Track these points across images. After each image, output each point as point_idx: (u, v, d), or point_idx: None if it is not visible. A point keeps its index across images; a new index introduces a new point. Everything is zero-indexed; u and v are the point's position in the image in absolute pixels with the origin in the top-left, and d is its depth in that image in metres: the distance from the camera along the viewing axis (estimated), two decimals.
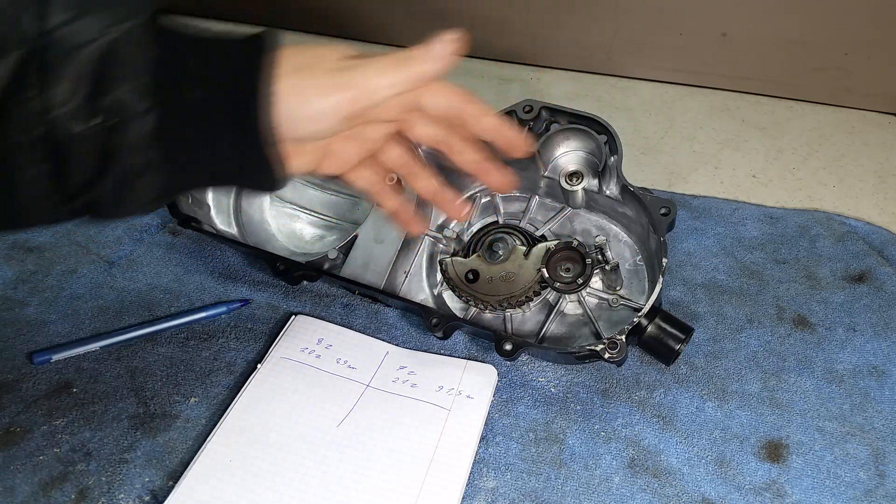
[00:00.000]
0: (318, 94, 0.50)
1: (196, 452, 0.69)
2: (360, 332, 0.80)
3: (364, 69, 0.52)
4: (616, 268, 0.75)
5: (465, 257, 0.80)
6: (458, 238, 0.82)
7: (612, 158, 0.77)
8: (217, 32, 0.50)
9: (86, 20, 0.43)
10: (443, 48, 0.53)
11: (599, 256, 0.75)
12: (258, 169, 0.50)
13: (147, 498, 0.67)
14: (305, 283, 0.83)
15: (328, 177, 0.61)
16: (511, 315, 0.79)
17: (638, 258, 0.80)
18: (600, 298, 0.78)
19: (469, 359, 0.77)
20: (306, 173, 0.57)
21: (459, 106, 0.57)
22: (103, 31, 0.44)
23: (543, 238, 0.81)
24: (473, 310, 0.80)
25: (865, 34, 0.99)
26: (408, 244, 0.81)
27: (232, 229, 0.85)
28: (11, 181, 0.44)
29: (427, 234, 0.84)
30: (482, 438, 0.71)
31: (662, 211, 0.73)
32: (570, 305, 0.78)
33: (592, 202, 0.81)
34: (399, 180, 0.69)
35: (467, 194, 0.85)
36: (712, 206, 0.92)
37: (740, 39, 1.04)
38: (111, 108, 0.44)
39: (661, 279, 0.71)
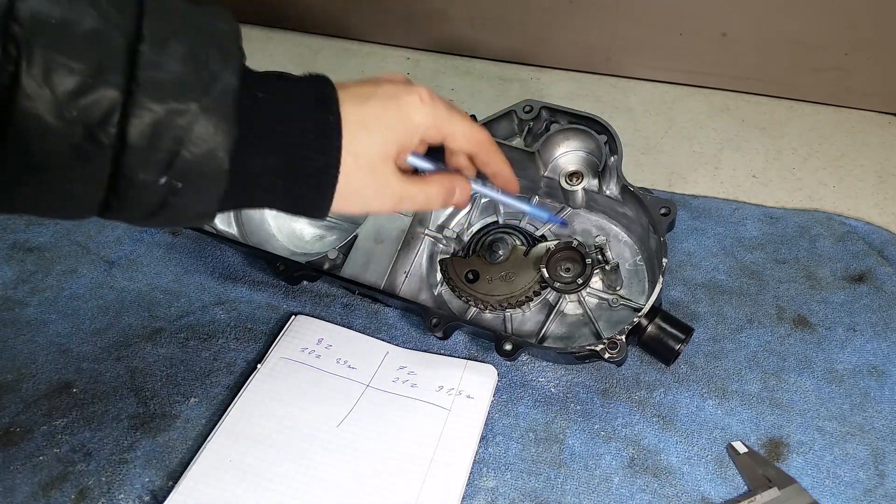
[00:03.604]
0: (376, 203, 0.55)
1: (196, 452, 0.69)
2: (360, 332, 0.80)
3: (425, 193, 0.57)
4: (616, 268, 0.75)
5: (465, 257, 0.80)
6: (458, 238, 0.82)
7: (612, 158, 0.77)
8: (287, 75, 0.52)
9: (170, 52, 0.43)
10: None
11: (599, 256, 0.75)
12: (309, 206, 0.53)
13: (147, 498, 0.67)
14: (305, 283, 0.83)
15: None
16: (511, 315, 0.79)
17: (638, 258, 0.80)
18: (600, 298, 0.78)
19: (469, 359, 0.77)
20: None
21: (476, 151, 0.61)
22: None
23: (543, 238, 0.81)
24: (473, 310, 0.80)
25: (865, 34, 0.99)
26: (408, 244, 0.81)
27: (232, 229, 0.85)
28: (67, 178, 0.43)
29: (427, 234, 0.84)
30: (482, 438, 0.71)
31: (662, 211, 0.73)
32: (570, 305, 0.78)
33: (592, 202, 0.81)
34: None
35: None
36: (712, 206, 0.92)
37: (740, 39, 1.04)
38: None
39: (661, 279, 0.71)
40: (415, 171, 0.59)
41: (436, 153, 0.60)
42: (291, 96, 0.50)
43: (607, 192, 0.78)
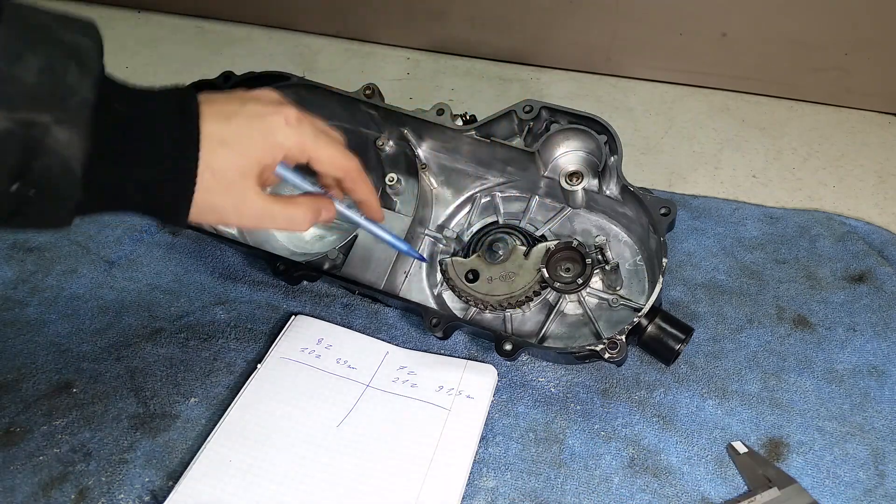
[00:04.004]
0: (235, 218, 0.56)
1: (196, 452, 0.69)
2: (360, 332, 0.80)
3: (288, 215, 0.58)
4: (616, 268, 0.75)
5: (465, 257, 0.80)
6: (458, 238, 0.82)
7: (612, 158, 0.77)
8: (149, 88, 0.53)
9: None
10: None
11: (599, 256, 0.75)
12: (165, 215, 0.54)
13: (147, 498, 0.67)
14: (305, 283, 0.83)
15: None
16: (511, 315, 0.79)
17: (638, 258, 0.80)
18: (600, 298, 0.78)
19: (469, 359, 0.77)
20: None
21: (343, 177, 0.62)
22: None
23: (543, 238, 0.81)
24: (473, 310, 0.80)
25: (865, 34, 0.99)
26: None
27: (232, 229, 0.85)
28: None
29: (427, 234, 0.84)
30: (482, 438, 0.71)
31: (662, 211, 0.73)
32: (570, 305, 0.78)
33: (592, 202, 0.81)
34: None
35: (467, 194, 0.85)
36: (712, 206, 0.92)
37: (740, 39, 1.04)
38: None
39: (661, 279, 0.71)
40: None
41: (311, 172, 0.61)
42: (151, 110, 0.51)
43: (607, 192, 0.78)
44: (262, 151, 0.55)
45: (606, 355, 0.68)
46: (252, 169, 0.55)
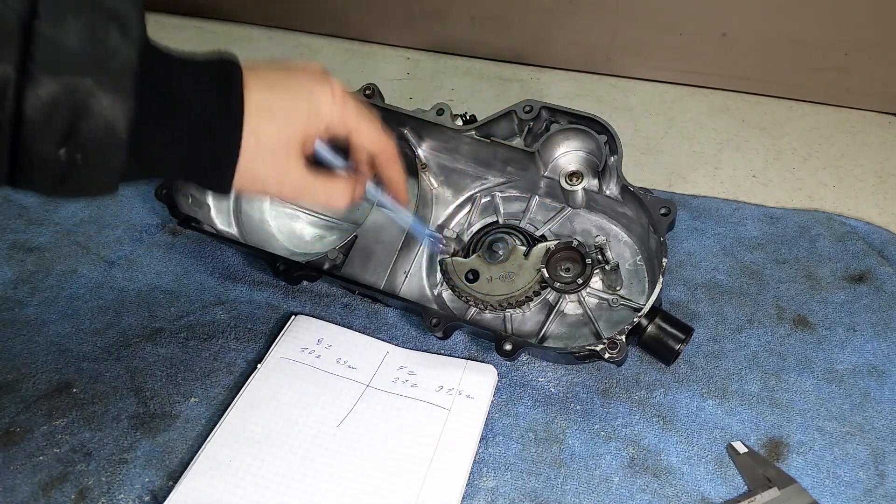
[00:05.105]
0: (276, 188, 0.57)
1: (196, 452, 0.69)
2: (360, 332, 0.80)
3: (327, 190, 0.59)
4: (616, 268, 0.75)
5: (465, 257, 0.80)
6: (458, 238, 0.82)
7: (612, 158, 0.77)
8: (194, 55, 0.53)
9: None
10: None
11: (599, 256, 0.75)
12: (211, 181, 0.55)
13: (147, 498, 0.67)
14: (305, 283, 0.83)
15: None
16: (511, 315, 0.79)
17: (638, 258, 0.80)
18: (600, 298, 0.78)
19: (469, 359, 0.77)
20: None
21: (378, 153, 0.63)
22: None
23: (543, 238, 0.81)
24: (473, 310, 0.80)
25: (865, 34, 0.99)
26: (408, 244, 0.81)
27: (232, 229, 0.85)
28: None
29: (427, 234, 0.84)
30: (482, 438, 0.71)
31: (662, 211, 0.73)
32: (570, 305, 0.78)
33: (592, 202, 0.81)
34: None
35: (467, 194, 0.85)
36: (712, 206, 0.92)
37: (740, 39, 1.04)
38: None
39: (661, 279, 0.71)
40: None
41: (343, 152, 0.61)
42: (194, 76, 0.51)
43: (607, 192, 0.78)
44: (307, 122, 0.55)
45: (606, 355, 0.68)
46: (295, 139, 0.55)
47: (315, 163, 0.59)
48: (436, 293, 0.82)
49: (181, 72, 0.51)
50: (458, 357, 0.78)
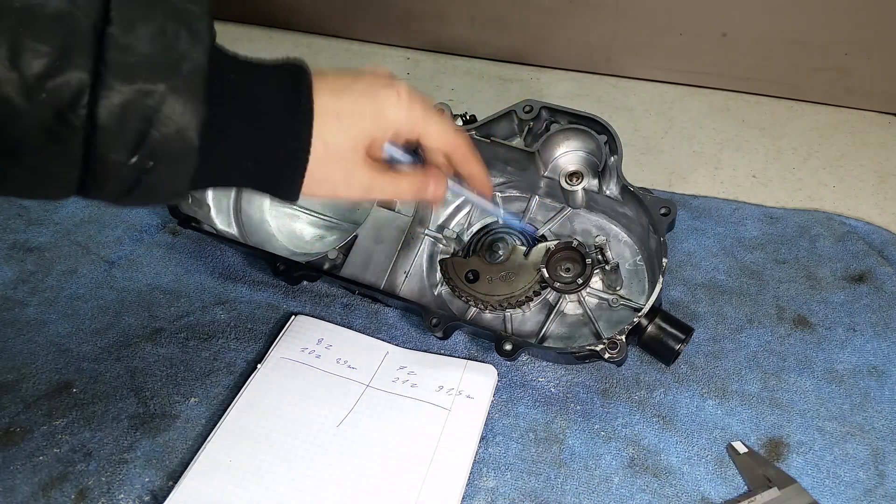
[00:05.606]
0: (345, 190, 0.57)
1: (196, 452, 0.69)
2: (360, 332, 0.80)
3: (395, 185, 0.59)
4: (616, 268, 0.75)
5: (465, 257, 0.80)
6: (458, 238, 0.82)
7: (612, 158, 0.77)
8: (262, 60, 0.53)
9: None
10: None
11: (599, 256, 0.75)
12: (280, 188, 0.54)
13: (147, 498, 0.67)
14: (305, 283, 0.83)
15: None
16: (511, 315, 0.79)
17: (638, 258, 0.80)
18: (600, 298, 0.78)
19: (469, 359, 0.77)
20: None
21: (452, 152, 0.63)
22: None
23: (543, 238, 0.81)
24: (473, 310, 0.80)
25: (865, 34, 0.99)
26: (408, 244, 0.81)
27: (232, 229, 0.85)
28: (35, 150, 0.44)
29: (427, 234, 0.84)
30: (482, 438, 0.71)
31: (662, 211, 0.73)
32: (570, 305, 0.78)
33: (592, 202, 0.81)
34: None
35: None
36: (712, 206, 0.92)
37: (740, 39, 1.04)
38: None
39: (661, 279, 0.71)
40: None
41: (417, 151, 0.61)
42: (263, 81, 0.51)
43: (607, 192, 0.78)
44: (373, 126, 0.56)
45: (606, 355, 0.68)
46: (362, 142, 0.55)
47: (386, 162, 0.60)
48: (436, 293, 0.82)
49: (250, 77, 0.50)
50: (458, 357, 0.78)
